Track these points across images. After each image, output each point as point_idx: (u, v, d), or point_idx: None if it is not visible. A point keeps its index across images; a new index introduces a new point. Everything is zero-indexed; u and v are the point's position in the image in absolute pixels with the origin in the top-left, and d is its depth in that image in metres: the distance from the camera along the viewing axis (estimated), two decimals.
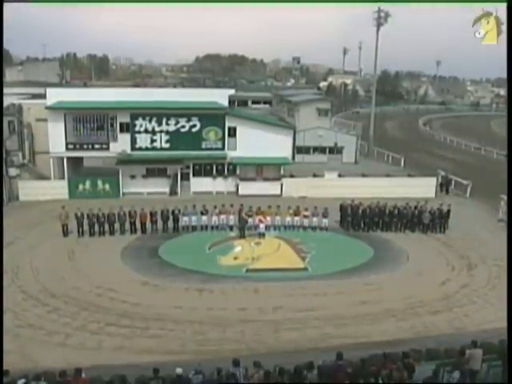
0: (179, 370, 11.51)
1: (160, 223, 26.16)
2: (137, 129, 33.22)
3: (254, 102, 55.62)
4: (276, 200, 29.94)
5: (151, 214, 25.98)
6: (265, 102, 57.25)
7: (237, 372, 11.52)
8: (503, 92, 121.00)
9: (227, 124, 33.84)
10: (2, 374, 10.95)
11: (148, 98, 33.78)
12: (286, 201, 29.97)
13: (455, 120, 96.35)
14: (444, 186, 36.19)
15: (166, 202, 27.69)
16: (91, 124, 32.98)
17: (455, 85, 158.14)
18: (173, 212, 26.25)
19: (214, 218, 26.43)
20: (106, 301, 18.57)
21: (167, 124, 33.34)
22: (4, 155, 31.52)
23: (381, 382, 11.51)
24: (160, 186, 33.65)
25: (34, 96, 38.34)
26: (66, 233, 25.48)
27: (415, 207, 27.37)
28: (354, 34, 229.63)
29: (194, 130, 33.58)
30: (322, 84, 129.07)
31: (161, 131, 33.38)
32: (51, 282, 20.00)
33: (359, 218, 27.18)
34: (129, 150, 33.31)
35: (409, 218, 27.16)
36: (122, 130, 33.18)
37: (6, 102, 33.14)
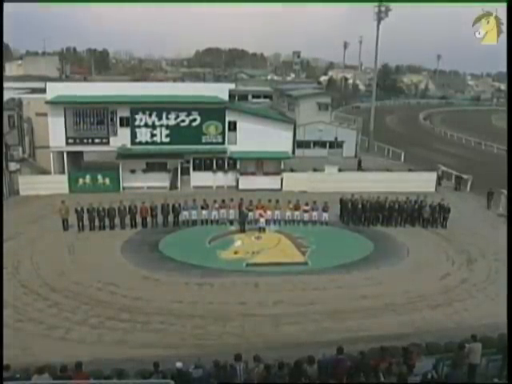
0: (179, 364, 11.54)
1: (160, 217, 26.17)
2: (137, 123, 33.15)
3: (254, 97, 55.48)
4: (276, 194, 29.92)
5: (151, 208, 25.98)
6: (265, 97, 57.14)
7: (237, 366, 11.54)
8: (504, 86, 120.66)
9: (227, 118, 33.78)
10: (3, 369, 10.97)
11: (148, 93, 33.76)
12: (286, 195, 29.93)
13: (456, 114, 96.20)
14: (442, 180, 36.34)
15: (167, 197, 27.63)
16: (91, 118, 32.91)
17: (456, 79, 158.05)
18: (173, 206, 26.25)
19: (214, 213, 26.46)
20: (107, 295, 18.60)
21: (167, 118, 33.27)
22: (4, 150, 31.47)
23: (381, 376, 11.52)
24: (160, 180, 33.62)
25: (34, 90, 38.28)
26: (66, 227, 25.49)
27: (415, 202, 27.37)
28: (354, 28, 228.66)
29: (194, 124, 33.52)
30: (323, 78, 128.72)
31: (161, 125, 33.31)
32: (52, 277, 20.03)
33: (359, 213, 27.15)
34: (129, 145, 33.28)
35: (409, 213, 27.16)
36: (122, 125, 33.12)
37: (6, 96, 33.06)
